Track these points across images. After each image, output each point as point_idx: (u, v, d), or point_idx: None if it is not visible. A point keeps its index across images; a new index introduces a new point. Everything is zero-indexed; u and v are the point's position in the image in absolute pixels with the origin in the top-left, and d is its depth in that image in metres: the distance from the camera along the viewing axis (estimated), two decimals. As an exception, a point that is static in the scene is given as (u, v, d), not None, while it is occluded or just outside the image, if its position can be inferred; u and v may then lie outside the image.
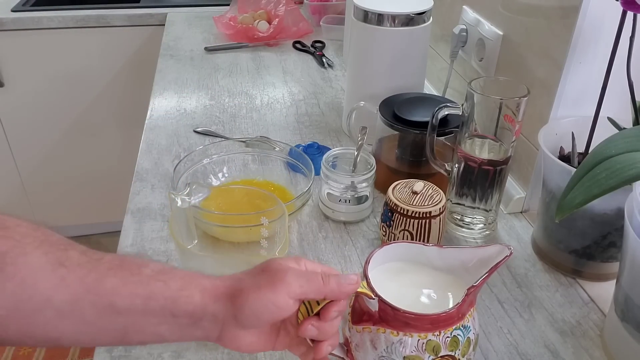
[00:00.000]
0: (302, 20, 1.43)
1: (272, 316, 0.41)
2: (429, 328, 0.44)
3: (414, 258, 0.51)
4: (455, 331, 0.45)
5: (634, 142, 0.46)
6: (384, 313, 0.45)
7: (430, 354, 0.44)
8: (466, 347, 0.46)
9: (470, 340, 0.46)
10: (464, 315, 0.46)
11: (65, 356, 1.58)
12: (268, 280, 0.41)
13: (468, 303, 0.46)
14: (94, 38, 1.66)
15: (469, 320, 0.46)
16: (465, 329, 0.46)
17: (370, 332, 0.46)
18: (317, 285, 0.42)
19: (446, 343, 0.45)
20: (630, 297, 0.51)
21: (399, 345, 0.44)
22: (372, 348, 0.45)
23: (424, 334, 0.44)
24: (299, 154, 0.78)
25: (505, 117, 0.64)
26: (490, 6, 0.84)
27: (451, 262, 0.50)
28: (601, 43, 0.64)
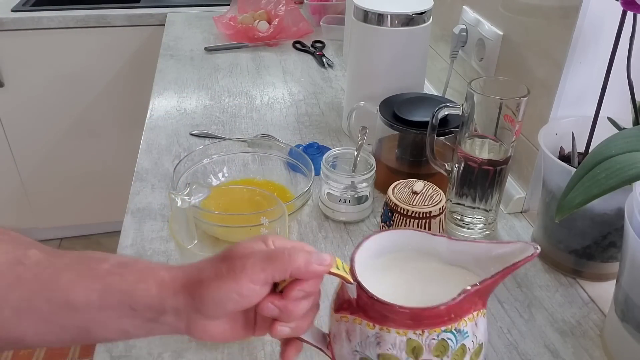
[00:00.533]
0: (302, 20, 1.43)
1: (237, 305, 0.39)
2: (409, 324, 0.38)
3: (419, 248, 0.45)
4: (445, 334, 0.38)
5: (634, 142, 0.46)
6: (362, 301, 0.40)
7: (409, 356, 0.39)
8: (459, 355, 0.39)
9: (467, 349, 0.40)
10: (460, 317, 0.39)
11: (65, 356, 1.58)
12: (229, 268, 0.39)
13: (467, 303, 0.39)
14: (94, 38, 1.66)
15: (467, 325, 0.39)
16: (460, 333, 0.39)
17: (347, 321, 0.41)
18: (282, 264, 0.39)
19: (430, 346, 0.38)
20: (630, 297, 0.51)
21: (374, 340, 0.39)
22: (347, 340, 0.41)
23: (403, 331, 0.38)
24: (299, 154, 0.78)
25: (505, 117, 0.64)
26: (490, 6, 0.84)
27: (462, 257, 0.44)
28: (601, 43, 0.64)
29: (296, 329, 0.42)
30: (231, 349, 0.56)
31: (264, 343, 0.57)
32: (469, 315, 0.40)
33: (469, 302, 0.39)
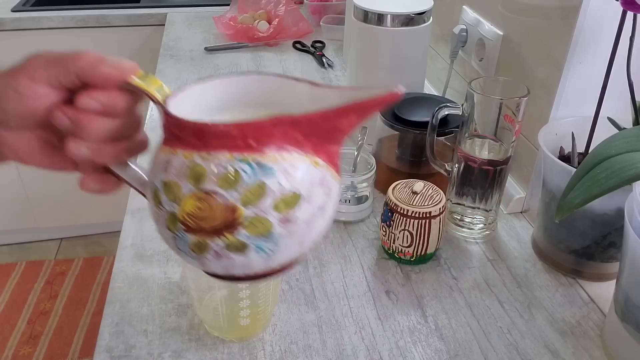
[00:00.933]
0: (302, 20, 1.43)
1: (17, 105, 0.34)
2: (196, 145, 0.32)
3: (280, 99, 0.37)
4: (239, 163, 0.31)
5: (634, 142, 0.46)
6: (165, 122, 0.33)
7: (189, 182, 0.32)
8: (257, 193, 0.31)
9: (268, 191, 0.31)
10: (262, 144, 0.31)
11: (65, 356, 1.59)
12: (11, 67, 0.34)
13: (281, 135, 0.31)
14: (94, 38, 1.66)
15: (276, 162, 0.31)
16: (261, 168, 0.31)
17: (161, 151, 0.35)
18: (66, 62, 0.33)
19: (217, 174, 0.31)
20: (630, 297, 0.51)
21: (163, 165, 0.33)
22: (151, 171, 0.35)
23: (189, 153, 0.32)
24: (299, 154, 0.78)
25: (505, 117, 0.64)
26: (490, 6, 0.84)
27: (327, 105, 0.33)
28: (601, 43, 0.64)
29: (97, 152, 0.36)
30: (231, 349, 0.56)
31: (264, 343, 0.57)
32: (282, 153, 0.32)
33: (284, 135, 0.32)
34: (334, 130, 0.33)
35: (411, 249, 0.65)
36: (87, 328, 1.67)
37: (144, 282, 0.64)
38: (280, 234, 0.33)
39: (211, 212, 0.32)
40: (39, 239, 2.03)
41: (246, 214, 0.32)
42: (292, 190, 0.32)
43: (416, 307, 0.62)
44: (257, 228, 0.32)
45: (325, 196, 0.34)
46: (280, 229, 0.32)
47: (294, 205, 0.32)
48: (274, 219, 0.32)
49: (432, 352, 0.56)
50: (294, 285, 0.65)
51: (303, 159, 0.32)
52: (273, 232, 0.32)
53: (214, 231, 0.32)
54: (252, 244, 0.32)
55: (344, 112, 0.31)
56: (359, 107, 0.31)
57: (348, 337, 0.58)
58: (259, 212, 0.32)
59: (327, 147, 0.34)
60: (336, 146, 0.35)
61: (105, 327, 0.59)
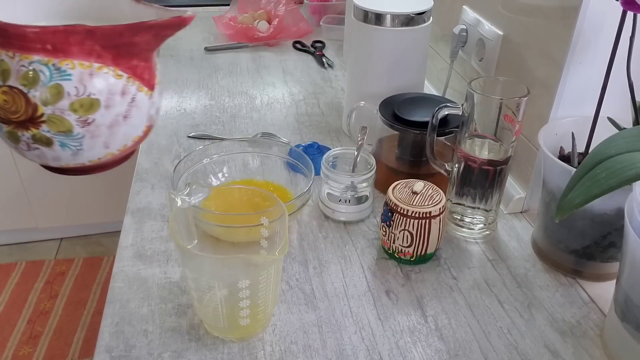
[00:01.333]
0: (302, 20, 1.43)
1: None
2: (3, 43, 0.36)
3: (106, 14, 0.41)
4: (38, 65, 0.35)
5: (634, 142, 0.46)
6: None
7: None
8: (54, 94, 0.36)
9: (64, 93, 0.36)
10: (63, 55, 0.36)
11: (65, 356, 1.59)
12: None
13: (77, 44, 0.35)
14: (94, 38, 1.65)
15: (74, 68, 0.36)
16: (58, 71, 0.36)
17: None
18: None
19: (19, 72, 0.36)
20: (630, 297, 0.51)
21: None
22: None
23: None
24: (299, 154, 0.78)
25: (505, 117, 0.64)
26: (490, 6, 0.84)
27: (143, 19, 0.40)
28: (601, 43, 0.64)
29: None
30: (231, 349, 0.56)
31: (264, 343, 0.57)
32: (81, 61, 0.36)
33: (80, 45, 0.36)
34: (132, 45, 0.36)
35: (411, 249, 0.65)
36: (87, 328, 1.67)
37: (144, 282, 0.64)
38: (80, 134, 0.37)
39: (15, 105, 0.36)
40: (39, 239, 2.03)
41: (46, 111, 0.36)
42: (88, 94, 0.36)
43: (416, 307, 0.62)
44: (57, 125, 0.36)
45: (127, 105, 0.38)
46: (80, 129, 0.37)
47: (92, 110, 0.37)
48: (72, 119, 0.37)
49: (432, 352, 0.56)
50: (294, 285, 0.65)
51: (102, 69, 0.36)
52: (73, 131, 0.37)
53: (21, 124, 0.36)
54: (56, 139, 0.37)
55: (137, 29, 0.36)
56: (150, 27, 0.35)
57: (348, 337, 0.58)
58: (57, 111, 0.36)
59: (129, 61, 0.37)
60: (141, 61, 0.38)
61: (105, 327, 0.59)
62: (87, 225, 2.04)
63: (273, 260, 0.53)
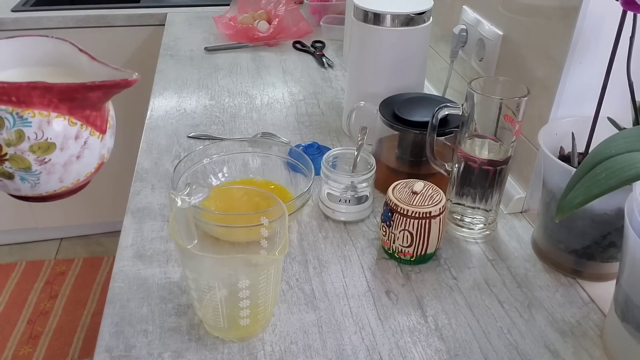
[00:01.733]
0: (302, 20, 1.43)
1: None
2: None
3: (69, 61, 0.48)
4: (3, 113, 0.41)
5: (634, 142, 0.46)
6: None
7: None
8: (16, 138, 0.42)
9: (25, 137, 0.42)
10: (26, 106, 0.42)
11: (65, 356, 1.59)
12: None
13: (39, 97, 0.42)
14: (94, 38, 1.66)
15: (34, 116, 0.42)
16: (22, 120, 0.42)
17: None
18: None
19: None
20: (630, 297, 0.51)
21: None
22: None
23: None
24: (299, 154, 0.78)
25: (505, 117, 0.64)
26: (490, 6, 0.84)
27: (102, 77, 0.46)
28: (601, 43, 0.64)
29: None
30: (231, 349, 0.56)
31: (264, 343, 0.57)
32: (41, 111, 0.42)
33: (40, 97, 0.42)
34: (85, 99, 0.43)
35: (411, 249, 0.65)
36: (87, 328, 1.67)
37: (144, 282, 0.64)
38: (38, 170, 0.43)
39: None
40: (39, 239, 2.03)
41: (9, 151, 0.42)
42: (46, 139, 0.43)
43: (416, 307, 0.62)
44: (18, 163, 0.43)
45: (80, 148, 0.44)
46: (37, 167, 0.43)
47: (49, 151, 0.43)
48: (31, 158, 0.43)
49: (432, 352, 0.56)
50: (294, 285, 0.65)
51: (58, 117, 0.43)
52: (32, 168, 0.43)
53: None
54: (17, 174, 0.44)
55: (89, 88, 0.42)
56: (101, 86, 0.42)
57: (348, 337, 0.58)
58: (18, 152, 0.43)
59: (83, 111, 0.44)
60: (93, 111, 0.45)
61: (105, 327, 0.59)
62: (87, 225, 2.03)
63: (273, 260, 0.53)
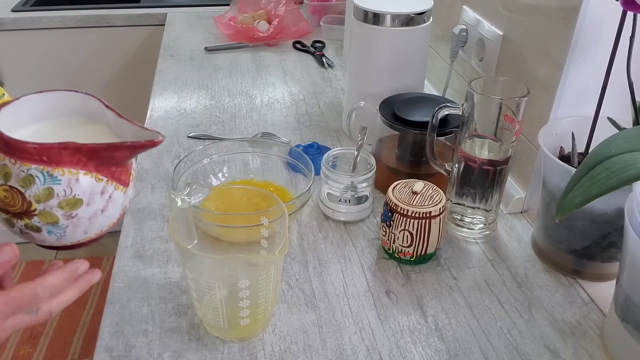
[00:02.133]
0: (302, 20, 1.43)
1: None
2: (7, 152, 0.44)
3: (95, 113, 0.50)
4: (33, 170, 0.43)
5: (634, 142, 0.46)
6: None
7: (1, 178, 0.44)
8: (46, 195, 0.44)
9: (54, 194, 0.44)
10: (56, 165, 0.44)
11: (66, 356, 1.59)
12: None
13: (68, 156, 0.44)
14: (94, 38, 1.66)
15: (63, 174, 0.44)
16: (52, 178, 0.44)
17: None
18: None
19: (19, 176, 0.44)
20: (630, 297, 0.51)
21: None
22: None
23: (2, 156, 0.44)
24: (299, 154, 0.78)
25: (505, 117, 0.64)
26: (490, 6, 0.84)
27: (125, 133, 0.49)
28: (601, 43, 0.64)
29: None
30: (231, 349, 0.56)
31: (264, 343, 0.57)
32: (70, 168, 0.44)
33: (70, 156, 0.44)
34: (112, 158, 0.45)
35: (411, 249, 0.65)
36: (87, 328, 1.67)
37: (144, 282, 0.64)
38: (65, 225, 0.45)
39: (13, 201, 0.44)
40: (39, 239, 2.03)
41: (38, 207, 0.44)
42: (73, 195, 0.45)
43: (416, 307, 0.62)
44: (46, 218, 0.45)
45: (105, 202, 0.46)
46: (65, 221, 0.45)
47: (76, 207, 0.45)
48: (59, 213, 0.45)
49: (432, 352, 0.56)
50: (294, 285, 0.65)
51: (86, 175, 0.45)
52: (59, 223, 0.45)
53: (17, 214, 0.45)
54: (44, 228, 0.45)
55: (117, 147, 0.45)
56: (127, 147, 0.45)
57: (348, 337, 0.58)
58: (47, 208, 0.44)
59: (109, 168, 0.46)
60: (119, 167, 0.47)
61: (105, 327, 0.59)
62: (87, 225, 2.03)
63: (273, 260, 0.53)
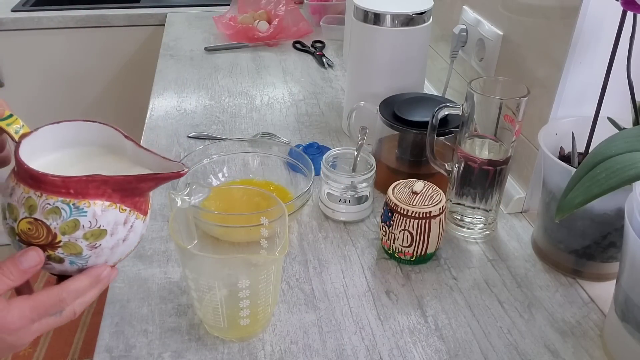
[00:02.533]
0: (302, 20, 1.43)
1: None
2: (32, 184, 0.44)
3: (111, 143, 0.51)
4: (59, 203, 0.44)
5: (634, 142, 0.46)
6: (16, 158, 0.45)
7: (25, 210, 0.44)
8: (72, 227, 0.44)
9: (81, 225, 0.44)
10: (82, 197, 0.44)
11: (66, 356, 1.59)
12: None
13: (95, 189, 0.44)
14: (94, 38, 1.66)
15: (89, 206, 0.44)
16: (79, 210, 0.44)
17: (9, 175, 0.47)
18: None
19: (45, 208, 0.44)
20: (630, 297, 0.51)
21: (10, 191, 0.45)
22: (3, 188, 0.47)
23: (27, 189, 0.44)
24: (299, 154, 0.78)
25: (505, 117, 0.64)
26: (490, 6, 0.84)
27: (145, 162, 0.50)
28: (601, 43, 0.64)
29: None
30: (231, 349, 0.56)
31: (264, 343, 0.57)
32: (95, 201, 0.45)
33: (96, 189, 0.44)
34: (136, 189, 0.46)
35: (411, 249, 0.65)
36: (87, 328, 1.67)
37: (144, 282, 0.64)
38: (88, 255, 0.46)
39: (38, 233, 0.44)
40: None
41: (63, 239, 0.44)
42: (98, 227, 0.45)
43: (416, 307, 0.62)
44: (70, 249, 0.45)
45: (127, 231, 0.47)
46: (88, 252, 0.46)
47: (100, 237, 0.45)
48: (83, 245, 0.45)
49: (432, 352, 0.56)
50: (294, 285, 0.65)
51: (111, 206, 0.45)
52: (83, 253, 0.46)
53: (41, 246, 0.45)
54: (67, 259, 0.46)
55: (143, 179, 0.45)
56: (152, 178, 0.46)
57: (348, 337, 0.58)
58: (72, 239, 0.45)
59: (132, 198, 0.46)
60: (141, 197, 0.48)
61: (105, 327, 0.59)
62: (87, 225, 2.03)
63: (273, 260, 0.53)
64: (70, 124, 0.50)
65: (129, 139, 0.50)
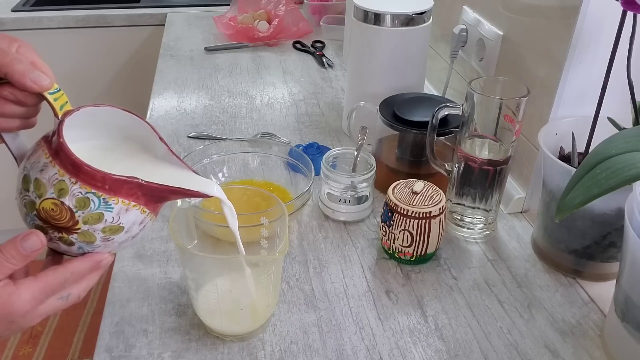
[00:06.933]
0: (302, 20, 1.43)
1: None
2: (70, 170, 0.43)
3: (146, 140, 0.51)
4: (91, 195, 0.43)
5: (634, 142, 0.46)
6: (54, 134, 0.45)
7: (54, 191, 0.44)
8: (95, 219, 0.44)
9: (103, 219, 0.45)
10: (113, 193, 0.44)
11: (65, 356, 1.59)
12: None
13: (127, 189, 0.44)
14: (94, 38, 1.66)
15: (117, 203, 0.45)
16: (107, 205, 0.44)
17: (38, 144, 0.47)
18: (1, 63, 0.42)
19: (75, 195, 0.44)
20: (630, 297, 0.51)
21: (41, 167, 0.44)
22: (28, 156, 0.47)
23: (62, 172, 0.44)
24: (299, 154, 0.78)
25: (505, 117, 0.64)
26: (490, 6, 0.84)
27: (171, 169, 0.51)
28: (601, 43, 0.64)
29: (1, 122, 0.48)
30: (231, 349, 0.56)
31: (264, 343, 0.57)
32: (124, 199, 0.45)
33: (129, 190, 0.45)
34: (164, 197, 0.48)
35: (411, 249, 0.65)
36: (87, 328, 1.67)
37: (144, 282, 0.64)
38: (98, 245, 0.46)
39: (60, 216, 0.44)
40: (39, 239, 2.03)
41: (83, 228, 0.45)
42: (120, 224, 0.46)
43: (416, 307, 0.62)
44: (85, 237, 0.45)
45: (139, 230, 0.48)
46: (100, 243, 0.46)
47: (116, 233, 0.46)
48: (99, 236, 0.46)
49: (432, 352, 0.56)
50: (294, 285, 0.65)
51: (135, 206, 0.46)
52: (95, 243, 0.46)
53: (57, 228, 0.45)
54: (78, 244, 0.46)
55: (172, 191, 0.47)
56: (182, 192, 0.47)
57: (348, 337, 0.58)
58: (90, 230, 0.45)
59: (156, 203, 0.48)
60: (163, 204, 0.49)
61: (105, 327, 0.59)
62: (87, 225, 2.03)
63: (273, 260, 0.53)
64: (109, 109, 0.50)
65: (163, 142, 0.50)
